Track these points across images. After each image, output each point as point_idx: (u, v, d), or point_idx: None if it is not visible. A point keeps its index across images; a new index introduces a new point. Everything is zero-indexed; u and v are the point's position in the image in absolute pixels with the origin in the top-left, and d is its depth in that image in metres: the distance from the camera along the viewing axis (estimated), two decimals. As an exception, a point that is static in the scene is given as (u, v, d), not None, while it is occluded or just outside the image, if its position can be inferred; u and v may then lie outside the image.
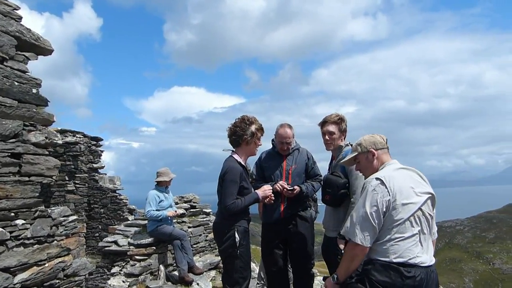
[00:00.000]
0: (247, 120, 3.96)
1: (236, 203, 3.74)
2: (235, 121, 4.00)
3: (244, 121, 3.95)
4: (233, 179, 3.76)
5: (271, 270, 4.55)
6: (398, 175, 2.68)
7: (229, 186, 3.74)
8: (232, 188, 3.75)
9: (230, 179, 3.75)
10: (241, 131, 3.90)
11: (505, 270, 47.76)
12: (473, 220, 62.82)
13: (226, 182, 3.75)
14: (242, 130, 3.90)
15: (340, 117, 4.08)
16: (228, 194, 3.73)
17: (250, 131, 3.92)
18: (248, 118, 3.98)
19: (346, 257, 2.67)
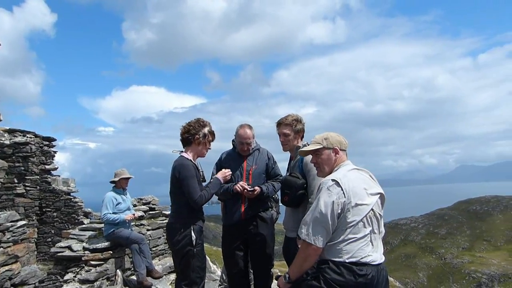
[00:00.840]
0: (201, 122, 4.11)
1: (203, 195, 3.88)
2: (190, 121, 4.13)
3: (198, 122, 4.10)
4: (191, 174, 3.88)
5: (232, 272, 4.53)
6: (352, 176, 2.74)
7: (190, 181, 3.85)
8: (193, 182, 3.87)
9: (188, 175, 3.87)
10: (194, 130, 4.04)
11: (455, 264, 50.14)
12: (427, 217, 65.50)
13: (187, 179, 3.85)
14: (195, 130, 4.04)
15: (294, 119, 4.09)
16: (192, 189, 3.84)
17: (203, 133, 4.06)
18: (203, 120, 4.14)
19: (299, 257, 2.70)
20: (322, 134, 3.01)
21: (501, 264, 47.41)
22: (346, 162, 2.92)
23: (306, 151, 3.05)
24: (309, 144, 3.10)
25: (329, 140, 2.93)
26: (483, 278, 45.51)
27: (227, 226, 4.55)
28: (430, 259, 53.36)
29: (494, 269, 46.35)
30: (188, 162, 3.96)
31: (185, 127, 4.09)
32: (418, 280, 49.24)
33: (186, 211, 3.93)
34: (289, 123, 4.08)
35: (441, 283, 47.63)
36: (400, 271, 51.44)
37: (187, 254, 3.86)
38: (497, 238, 54.01)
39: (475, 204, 64.51)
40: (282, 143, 4.15)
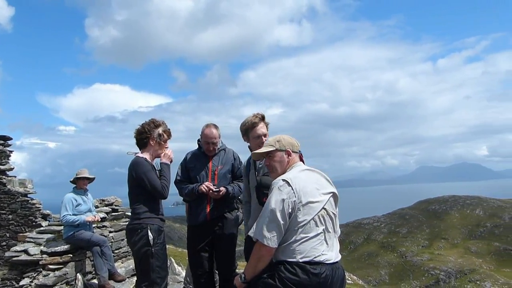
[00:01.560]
0: (155, 122, 4.10)
1: (164, 185, 3.94)
2: (143, 123, 4.11)
3: (152, 123, 4.09)
4: (148, 169, 3.90)
5: (197, 273, 4.48)
6: (303, 176, 2.78)
7: (149, 175, 3.87)
8: (153, 175, 3.90)
9: (145, 170, 3.88)
10: (148, 131, 4.03)
11: (415, 262, 51.82)
12: (389, 217, 67.36)
13: (145, 174, 3.86)
14: (149, 131, 4.03)
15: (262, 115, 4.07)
16: (154, 181, 3.88)
17: (157, 132, 4.05)
18: (156, 120, 4.14)
19: (253, 257, 2.72)
20: (274, 137, 3.06)
21: (457, 261, 49.46)
22: (298, 163, 2.97)
23: (259, 153, 3.08)
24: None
25: (281, 142, 2.97)
26: (441, 275, 47.31)
27: (192, 227, 4.51)
28: (392, 257, 54.92)
29: (451, 266, 48.27)
30: (141, 159, 3.95)
31: (139, 129, 4.07)
32: (380, 278, 50.56)
33: (143, 211, 3.90)
34: (264, 122, 4.00)
35: (401, 280, 49.11)
36: (363, 269, 52.65)
37: (146, 254, 3.83)
38: (454, 236, 56.29)
39: (434, 203, 66.97)
40: (260, 143, 3.84)
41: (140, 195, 3.91)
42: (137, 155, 4.03)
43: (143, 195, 3.91)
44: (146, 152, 4.04)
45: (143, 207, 3.90)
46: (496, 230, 55.53)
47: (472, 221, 58.30)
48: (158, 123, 4.10)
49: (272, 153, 2.98)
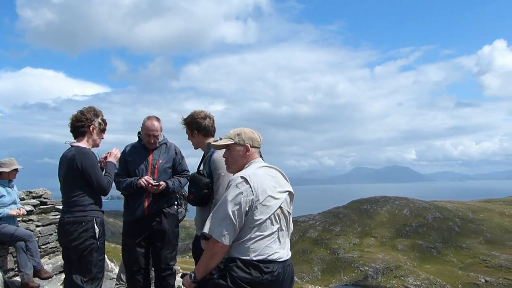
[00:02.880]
0: (95, 110, 3.91)
1: (110, 181, 3.82)
2: (82, 110, 3.88)
3: (93, 111, 3.89)
4: (95, 163, 3.75)
5: (132, 270, 4.31)
6: (261, 173, 2.72)
7: (96, 169, 3.73)
8: (99, 170, 3.77)
9: (93, 163, 3.71)
10: (89, 119, 3.82)
11: (346, 258, 54.10)
12: (323, 215, 69.65)
13: (92, 168, 3.69)
14: (90, 119, 3.82)
15: (188, 120, 3.98)
16: (100, 177, 3.74)
17: (97, 121, 3.87)
18: (95, 109, 3.94)
19: (205, 255, 2.64)
20: (236, 129, 2.94)
21: (385, 258, 52.33)
22: (257, 159, 2.88)
23: (218, 145, 2.98)
24: (221, 139, 3.05)
25: (241, 136, 2.87)
26: (369, 271, 49.83)
27: (129, 221, 4.32)
28: (325, 254, 56.91)
29: (379, 263, 51.01)
30: (88, 150, 3.75)
31: (77, 116, 3.82)
32: (313, 274, 52.21)
33: (89, 203, 3.70)
34: (183, 123, 3.98)
35: (333, 276, 51.09)
36: (297, 265, 54.01)
37: (90, 248, 3.65)
38: (383, 235, 59.45)
39: (366, 203, 70.28)
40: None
41: (85, 186, 3.69)
42: (77, 144, 3.78)
43: (87, 187, 3.71)
44: (84, 141, 3.81)
45: (88, 199, 3.70)
46: (420, 229, 59.44)
47: (400, 221, 61.92)
48: (98, 112, 3.91)
49: (231, 147, 2.88)
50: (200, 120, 3.87)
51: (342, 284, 48.36)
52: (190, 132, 3.92)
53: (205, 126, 3.88)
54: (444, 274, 48.24)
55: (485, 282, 45.86)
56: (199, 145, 3.93)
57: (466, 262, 51.11)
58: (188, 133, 3.95)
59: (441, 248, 54.87)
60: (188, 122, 3.92)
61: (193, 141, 3.95)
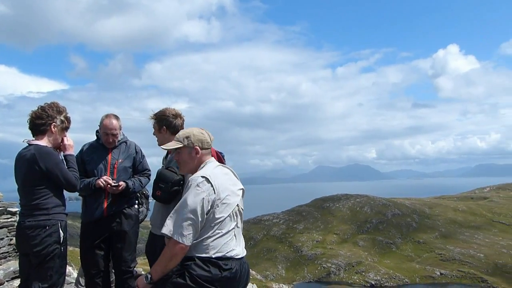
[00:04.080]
0: (58, 106, 3.63)
1: (77, 177, 3.60)
2: (43, 105, 3.59)
3: (56, 107, 3.61)
4: (59, 160, 3.53)
5: (91, 273, 4.17)
6: (219, 173, 2.76)
7: (61, 167, 3.49)
8: (64, 167, 3.53)
9: (57, 161, 3.47)
10: (50, 116, 3.54)
11: (309, 256, 54.90)
12: (287, 213, 70.32)
13: (57, 166, 3.44)
14: (51, 116, 3.54)
15: (173, 114, 3.94)
16: (67, 174, 3.50)
17: (60, 119, 3.60)
18: (59, 105, 3.66)
19: (164, 255, 2.60)
20: (185, 131, 2.95)
21: (346, 255, 53.52)
22: (211, 159, 2.91)
23: (168, 148, 2.99)
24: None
25: (190, 139, 2.86)
26: (332, 268, 50.83)
27: (87, 223, 4.19)
28: (289, 252, 57.49)
29: (341, 259, 52.11)
30: (49, 149, 3.49)
31: (38, 112, 3.55)
32: (277, 272, 52.62)
33: (53, 205, 3.46)
34: (153, 118, 3.91)
35: (297, 273, 51.71)
36: (262, 264, 54.32)
37: (53, 254, 3.41)
38: (345, 232, 60.74)
39: (329, 201, 71.56)
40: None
41: (48, 188, 3.44)
42: (36, 143, 3.49)
43: (51, 188, 3.46)
44: (44, 140, 3.53)
45: (52, 201, 3.46)
46: (380, 225, 61.23)
47: (361, 218, 63.48)
48: (61, 109, 3.63)
49: (181, 149, 2.87)
50: (171, 118, 3.82)
51: (306, 281, 49.06)
52: (158, 127, 3.85)
53: (174, 125, 3.83)
54: (403, 269, 50.01)
55: (440, 275, 47.93)
56: (164, 142, 3.87)
57: (423, 256, 53.17)
58: (156, 128, 3.87)
59: (399, 244, 56.80)
60: (158, 118, 3.86)
61: (159, 137, 3.88)
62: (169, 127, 3.81)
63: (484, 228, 60.30)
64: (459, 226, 60.44)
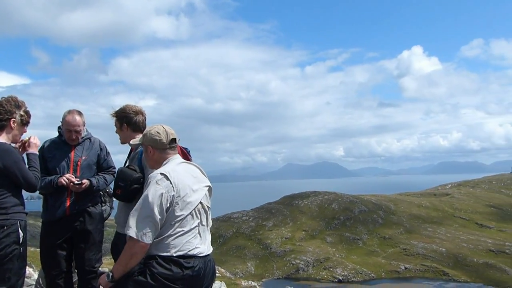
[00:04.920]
0: (16, 101, 3.45)
1: (37, 176, 3.43)
2: (1, 100, 3.42)
3: (14, 102, 3.44)
4: (19, 158, 3.37)
5: (52, 274, 4.04)
6: (181, 170, 2.75)
7: (21, 165, 3.34)
8: (24, 166, 3.38)
9: (16, 159, 3.31)
10: (9, 111, 3.37)
11: (279, 253, 55.31)
12: (257, 211, 70.56)
13: (17, 164, 3.27)
14: (10, 111, 3.38)
15: (134, 110, 3.85)
16: (27, 173, 3.34)
17: (19, 114, 3.44)
18: (17, 99, 3.48)
19: (125, 254, 2.58)
20: (148, 128, 2.95)
21: (315, 251, 54.29)
22: (174, 156, 2.90)
23: (132, 144, 3.07)
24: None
25: (145, 137, 2.90)
26: (300, 264, 51.41)
27: (48, 222, 4.06)
28: (258, 249, 57.72)
29: (309, 256, 52.79)
30: (9, 146, 3.32)
31: None
32: (247, 269, 52.74)
33: (11, 205, 3.29)
34: (114, 115, 3.83)
35: (266, 270, 51.99)
36: (231, 262, 54.28)
37: (11, 255, 3.24)
38: (313, 228, 61.56)
39: (298, 198, 72.31)
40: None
41: (5, 187, 3.27)
42: None
43: (9, 186, 3.29)
44: (2, 136, 3.36)
45: (10, 200, 3.28)
46: (347, 222, 62.42)
47: (329, 214, 64.53)
48: (20, 103, 3.47)
49: (142, 146, 2.96)
50: (131, 115, 3.75)
51: (275, 278, 49.41)
52: (119, 125, 3.78)
53: (136, 122, 3.76)
54: (369, 264, 51.23)
55: (405, 269, 49.40)
56: (126, 140, 3.78)
57: (388, 251, 54.66)
58: (117, 126, 3.81)
59: (366, 239, 58.12)
60: (118, 115, 3.79)
61: (121, 135, 3.82)
62: (130, 124, 3.74)
63: (446, 224, 62.66)
64: (422, 222, 62.52)
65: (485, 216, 65.51)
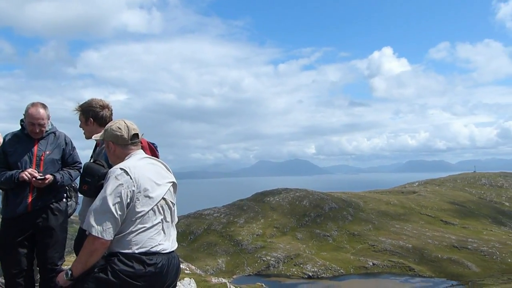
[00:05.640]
0: None
1: None
2: None
3: None
4: None
5: (12, 272, 3.89)
6: (142, 165, 2.72)
7: None
8: None
9: None
10: None
11: (250, 249, 55.51)
12: (228, 207, 70.53)
13: None
14: None
15: (100, 104, 3.75)
16: None
17: None
18: None
19: (84, 251, 2.53)
20: (110, 123, 2.92)
21: (286, 248, 54.78)
22: (137, 151, 2.86)
23: (95, 139, 3.02)
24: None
25: (106, 133, 2.86)
26: (271, 261, 51.78)
27: (9, 219, 3.90)
28: (229, 246, 57.74)
29: (280, 252, 53.24)
30: None
31: None
32: (217, 266, 52.66)
33: None
34: (79, 110, 3.72)
35: (237, 267, 52.08)
36: (202, 259, 54.08)
37: None
38: (284, 225, 62.10)
39: (269, 195, 72.74)
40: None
41: None
42: None
43: None
44: None
45: None
46: (318, 219, 63.28)
47: (300, 211, 65.23)
48: None
49: (104, 141, 2.92)
50: (98, 109, 3.65)
51: (246, 275, 49.56)
52: (85, 119, 3.68)
53: (102, 116, 3.66)
54: (338, 260, 52.12)
55: (373, 265, 50.56)
56: (91, 135, 3.68)
57: (357, 248, 55.75)
58: (82, 120, 3.70)
59: (336, 236, 59.09)
60: (84, 109, 3.68)
61: (86, 130, 3.71)
62: (96, 118, 3.65)
63: (413, 220, 64.48)
64: (390, 219, 64.11)
65: (450, 213, 67.83)
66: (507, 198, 79.75)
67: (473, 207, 72.79)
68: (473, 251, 52.77)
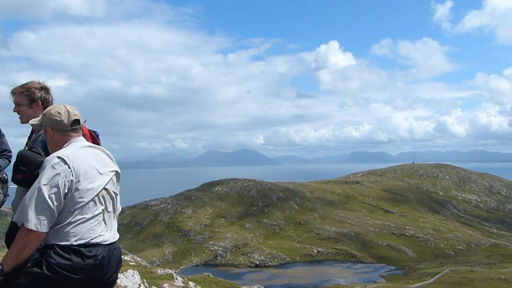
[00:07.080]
0: None
1: None
2: None
3: None
4: None
5: None
6: (83, 153, 2.58)
7: None
8: None
9: None
10: None
11: (197, 240, 55.32)
12: (176, 198, 69.75)
13: None
14: None
15: (32, 86, 3.45)
16: None
17: None
18: None
19: (16, 245, 2.38)
20: (49, 108, 2.74)
21: (233, 237, 55.10)
22: (78, 138, 2.70)
23: (32, 124, 2.84)
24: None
25: (44, 117, 2.69)
26: (219, 250, 51.88)
27: None
28: (176, 236, 57.16)
29: (228, 242, 53.48)
30: None
31: None
32: (164, 257, 52.01)
33: None
34: (22, 91, 3.40)
35: (184, 258, 51.72)
36: (148, 250, 53.15)
37: None
38: (232, 215, 62.41)
39: (217, 185, 72.67)
40: (18, 114, 3.44)
41: None
42: None
43: None
44: None
45: None
46: (266, 208, 64.14)
47: (248, 201, 65.81)
48: None
49: (42, 127, 2.72)
50: (43, 92, 3.39)
51: (193, 265, 49.33)
52: (29, 102, 3.40)
53: (50, 100, 3.41)
54: (285, 248, 53.24)
55: (317, 253, 52.22)
56: (29, 119, 3.37)
57: (303, 236, 57.25)
58: (24, 103, 3.40)
59: (283, 225, 60.28)
60: (30, 90, 3.37)
61: (26, 114, 3.39)
62: (45, 101, 3.37)
63: (356, 209, 67.16)
64: (335, 208, 66.34)
65: (390, 202, 71.46)
66: (441, 187, 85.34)
67: (411, 196, 77.12)
68: (410, 237, 56.01)
